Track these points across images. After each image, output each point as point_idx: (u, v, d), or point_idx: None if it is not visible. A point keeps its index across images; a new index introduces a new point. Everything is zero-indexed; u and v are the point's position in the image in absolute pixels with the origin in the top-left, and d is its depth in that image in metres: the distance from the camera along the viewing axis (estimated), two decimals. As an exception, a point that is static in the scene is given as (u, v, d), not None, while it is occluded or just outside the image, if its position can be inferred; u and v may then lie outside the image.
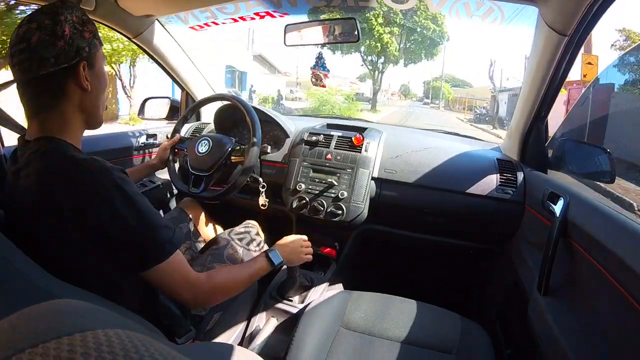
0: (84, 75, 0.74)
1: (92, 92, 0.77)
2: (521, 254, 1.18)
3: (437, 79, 34.96)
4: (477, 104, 28.41)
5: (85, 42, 0.74)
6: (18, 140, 0.78)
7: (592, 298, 0.77)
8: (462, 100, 32.73)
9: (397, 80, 59.00)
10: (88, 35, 0.75)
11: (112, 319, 0.29)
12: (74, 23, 0.72)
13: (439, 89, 34.33)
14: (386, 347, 0.95)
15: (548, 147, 1.29)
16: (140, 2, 1.26)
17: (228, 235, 1.32)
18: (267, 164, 1.52)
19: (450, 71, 44.65)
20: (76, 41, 0.72)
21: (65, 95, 0.74)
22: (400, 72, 65.98)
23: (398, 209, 1.42)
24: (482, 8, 1.11)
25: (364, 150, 1.43)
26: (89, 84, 0.75)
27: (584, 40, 0.99)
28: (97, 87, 0.79)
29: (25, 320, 0.25)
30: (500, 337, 1.21)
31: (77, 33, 0.72)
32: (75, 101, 0.75)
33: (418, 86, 45.01)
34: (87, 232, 0.68)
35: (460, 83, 41.09)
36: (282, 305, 1.22)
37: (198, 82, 1.80)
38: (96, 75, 0.78)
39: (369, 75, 35.64)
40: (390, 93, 42.36)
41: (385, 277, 1.72)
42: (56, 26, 0.70)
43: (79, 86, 0.74)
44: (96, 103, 0.80)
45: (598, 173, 1.10)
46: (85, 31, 0.74)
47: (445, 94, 35.33)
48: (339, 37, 1.32)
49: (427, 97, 38.03)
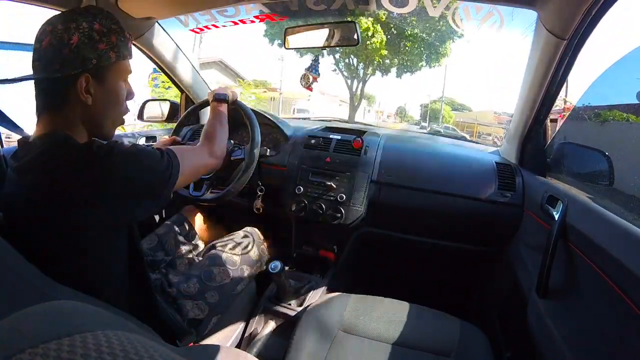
0: (84, 87, 0.71)
1: (95, 106, 0.74)
2: (520, 257, 1.18)
3: (435, 101, 32.30)
4: (480, 129, 25.46)
5: (94, 53, 0.71)
6: (18, 142, 0.76)
7: (591, 301, 0.77)
8: (463, 125, 29.46)
9: (394, 101, 57.38)
10: (103, 47, 0.72)
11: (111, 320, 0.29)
12: (90, 31, 0.70)
13: (438, 111, 31.36)
14: (384, 350, 0.94)
15: (547, 151, 1.30)
16: (141, 4, 1.26)
17: (226, 239, 1.32)
18: (266, 167, 1.52)
19: (448, 94, 40.68)
20: (83, 51, 0.70)
21: (69, 103, 0.72)
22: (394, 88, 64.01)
23: (397, 212, 1.42)
24: (481, 12, 1.11)
25: (363, 154, 1.43)
26: (92, 97, 0.73)
27: (582, 44, 1.00)
28: (104, 102, 0.76)
29: (26, 320, 0.25)
30: (500, 340, 1.21)
31: (88, 43, 0.70)
32: (78, 111, 0.73)
33: (416, 109, 42.64)
34: (103, 208, 0.68)
35: (460, 107, 38.52)
36: (281, 308, 1.22)
37: (198, 84, 1.80)
38: (106, 90, 0.75)
39: (369, 97, 28.73)
40: (386, 115, 40.10)
41: (384, 280, 1.72)
42: (65, 33, 0.69)
43: (79, 98, 0.72)
44: (100, 117, 0.77)
45: (597, 176, 1.10)
46: (101, 42, 0.72)
47: (446, 117, 32.11)
48: (338, 41, 1.32)
49: (425, 121, 34.01)
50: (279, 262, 1.13)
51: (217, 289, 1.12)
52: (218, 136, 1.07)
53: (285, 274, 1.19)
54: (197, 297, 1.06)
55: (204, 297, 1.07)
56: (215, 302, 1.09)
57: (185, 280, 1.08)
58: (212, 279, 1.13)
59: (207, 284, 1.10)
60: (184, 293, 1.04)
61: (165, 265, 1.15)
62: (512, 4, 1.01)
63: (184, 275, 1.11)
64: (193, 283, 1.08)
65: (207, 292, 1.09)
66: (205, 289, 1.09)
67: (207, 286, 1.10)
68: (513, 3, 1.00)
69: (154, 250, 1.26)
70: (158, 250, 1.27)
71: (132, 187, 0.71)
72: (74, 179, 0.66)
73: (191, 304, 1.04)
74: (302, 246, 1.57)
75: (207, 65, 15.35)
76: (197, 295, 1.06)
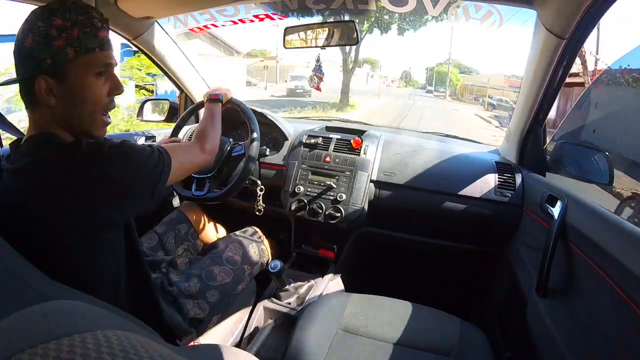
0: (43, 89, 0.68)
1: (60, 106, 0.71)
2: (520, 256, 1.18)
3: (441, 64, 30.37)
4: (490, 93, 23.24)
5: (48, 52, 0.67)
6: (10, 145, 0.75)
7: (591, 300, 0.77)
8: (472, 89, 27.03)
9: (398, 66, 55.40)
10: (59, 43, 0.67)
11: (111, 320, 0.29)
12: (46, 29, 0.67)
13: (445, 74, 29.22)
14: (384, 349, 0.94)
15: (546, 150, 1.30)
16: (140, 4, 1.26)
17: (227, 239, 1.32)
18: (265, 166, 1.52)
19: (454, 57, 37.59)
20: (36, 52, 0.67)
21: (38, 105, 0.70)
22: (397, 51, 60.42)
23: (396, 211, 1.42)
24: (480, 11, 1.11)
25: (363, 153, 1.43)
26: (54, 98, 0.69)
27: (582, 43, 1.00)
28: (68, 101, 0.71)
29: (25, 321, 0.25)
30: (499, 340, 1.21)
31: (41, 42, 0.67)
32: (48, 112, 0.71)
33: (421, 73, 40.55)
34: (95, 206, 0.68)
35: (466, 70, 35.96)
36: (281, 308, 1.22)
37: (197, 84, 1.80)
38: (69, 88, 0.70)
39: (372, 62, 26.74)
40: (390, 80, 38.80)
41: (384, 279, 1.72)
42: (21, 35, 0.68)
43: (43, 100, 0.69)
44: (70, 118, 0.73)
45: (596, 174, 1.10)
46: (58, 39, 0.67)
47: (453, 80, 30.01)
48: (338, 40, 1.32)
49: (431, 85, 32.54)
50: (278, 262, 1.14)
51: (218, 288, 1.12)
52: (209, 134, 1.07)
53: (285, 274, 1.19)
54: (198, 296, 1.06)
55: (204, 297, 1.07)
56: (215, 301, 1.09)
57: (185, 279, 1.08)
58: (213, 278, 1.13)
59: (208, 283, 1.10)
60: (184, 292, 1.04)
61: (165, 265, 1.15)
62: (512, 3, 1.01)
63: (184, 275, 1.11)
64: (194, 282, 1.08)
65: (207, 291, 1.09)
66: (206, 288, 1.09)
67: (208, 285, 1.10)
68: (512, 2, 1.00)
69: (154, 249, 1.26)
70: (158, 250, 1.27)
71: (122, 185, 0.71)
72: (62, 178, 0.66)
73: (192, 303, 1.04)
74: (302, 246, 1.57)
75: (188, 35, 12.45)
76: (197, 294, 1.06)
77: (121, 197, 0.72)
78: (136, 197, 0.75)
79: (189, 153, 0.96)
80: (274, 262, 1.14)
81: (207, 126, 1.10)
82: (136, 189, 0.74)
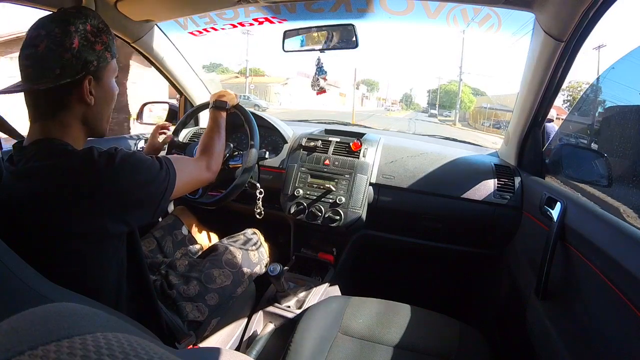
0: (88, 89, 0.73)
1: (96, 105, 0.76)
2: (519, 258, 1.18)
3: (451, 82, 24.47)
4: (505, 118, 18.16)
5: (94, 55, 0.72)
6: (14, 147, 0.75)
7: (590, 302, 0.77)
8: (487, 114, 20.74)
9: (399, 88, 54.20)
10: (99, 47, 0.73)
11: (111, 323, 0.29)
12: (86, 33, 0.70)
13: (453, 95, 22.54)
14: (384, 352, 0.94)
15: (545, 152, 1.30)
16: (140, 7, 1.26)
17: (226, 242, 1.32)
18: (265, 170, 1.52)
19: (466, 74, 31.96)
20: (84, 54, 0.70)
21: (67, 108, 0.73)
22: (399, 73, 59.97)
23: (396, 214, 1.42)
24: (479, 14, 1.12)
25: (362, 156, 1.43)
26: (94, 97, 0.74)
27: (580, 45, 1.00)
28: (103, 100, 0.78)
29: (25, 322, 0.25)
30: (499, 342, 1.21)
31: (87, 45, 0.71)
32: (77, 113, 0.74)
33: (424, 94, 36.73)
34: (96, 216, 0.68)
35: (473, 92, 30.25)
36: (280, 311, 1.22)
37: (196, 87, 1.80)
38: (103, 89, 0.77)
39: (371, 83, 25.44)
40: (389, 102, 38.00)
41: (383, 282, 1.72)
42: (65, 37, 0.68)
43: (82, 100, 0.73)
44: (99, 116, 0.79)
45: (595, 177, 1.10)
46: (97, 43, 0.72)
47: (466, 102, 22.93)
48: (337, 44, 1.33)
49: (434, 108, 24.88)
50: (278, 265, 1.14)
51: (217, 291, 1.11)
52: (216, 150, 1.06)
53: (284, 277, 1.19)
54: (197, 299, 1.06)
55: (204, 299, 1.07)
56: (215, 304, 1.09)
57: (185, 282, 1.08)
58: (213, 281, 1.12)
59: (207, 286, 1.10)
60: (184, 295, 1.04)
61: (165, 267, 1.15)
62: (510, 6, 1.01)
63: (184, 277, 1.10)
64: (193, 285, 1.07)
65: (207, 294, 1.09)
66: (206, 291, 1.09)
67: (208, 288, 1.10)
68: (510, 5, 1.01)
69: (153, 252, 1.26)
70: (157, 253, 1.27)
71: (130, 198, 0.71)
72: (73, 188, 0.66)
73: (191, 306, 1.03)
74: (301, 249, 1.57)
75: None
76: (197, 297, 1.06)
77: (127, 211, 0.72)
78: (141, 211, 0.75)
79: (195, 170, 0.96)
80: (273, 265, 1.14)
81: (215, 140, 1.09)
82: (143, 204, 0.74)
